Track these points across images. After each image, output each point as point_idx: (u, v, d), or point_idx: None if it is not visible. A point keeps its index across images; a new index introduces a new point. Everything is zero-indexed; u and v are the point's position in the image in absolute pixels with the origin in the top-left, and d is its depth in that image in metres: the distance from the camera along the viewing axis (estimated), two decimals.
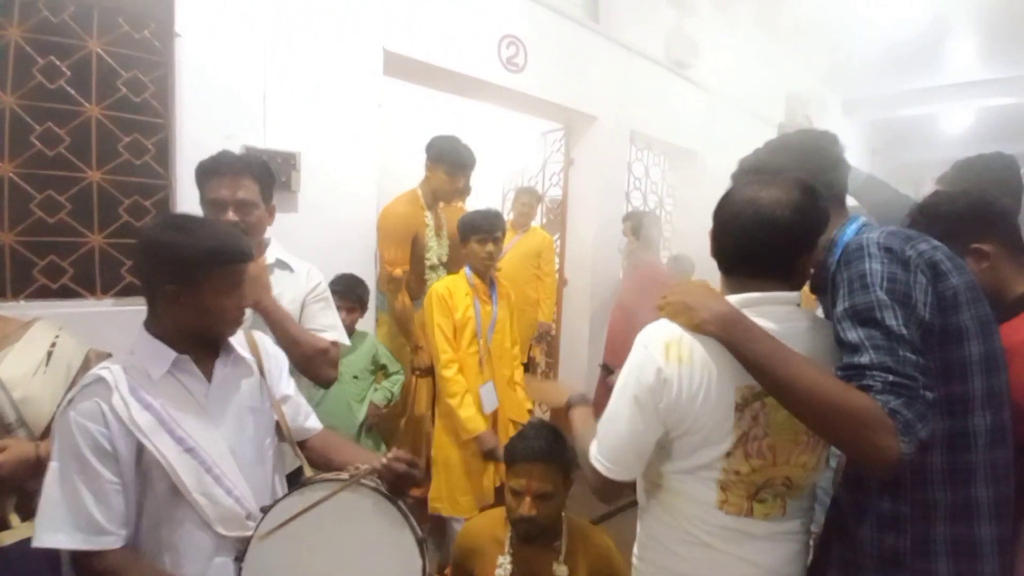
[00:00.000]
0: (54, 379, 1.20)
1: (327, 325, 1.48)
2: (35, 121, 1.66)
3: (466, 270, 2.07)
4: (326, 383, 1.50)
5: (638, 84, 3.51)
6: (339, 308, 1.98)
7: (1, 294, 1.66)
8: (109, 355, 1.20)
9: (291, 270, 1.50)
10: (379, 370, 2.31)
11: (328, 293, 1.56)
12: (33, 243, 1.70)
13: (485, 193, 4.41)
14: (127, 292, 1.85)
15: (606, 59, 3.29)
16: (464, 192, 2.50)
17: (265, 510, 0.98)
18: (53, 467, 0.91)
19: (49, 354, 1.21)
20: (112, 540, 0.91)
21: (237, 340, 1.11)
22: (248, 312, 1.10)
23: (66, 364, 1.23)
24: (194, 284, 0.96)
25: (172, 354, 0.99)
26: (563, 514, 1.32)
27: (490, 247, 1.99)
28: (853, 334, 0.79)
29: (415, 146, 3.51)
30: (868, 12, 3.79)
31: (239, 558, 0.97)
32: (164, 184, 1.89)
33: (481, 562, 1.33)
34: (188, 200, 1.85)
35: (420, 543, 0.96)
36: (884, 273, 0.82)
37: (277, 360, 1.20)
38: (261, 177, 1.41)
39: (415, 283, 2.39)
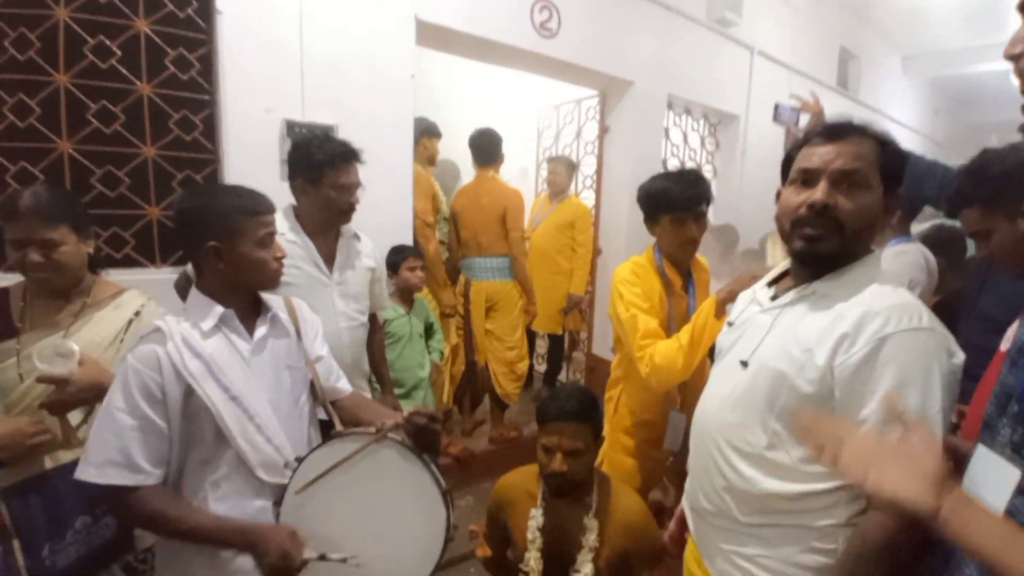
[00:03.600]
0: (127, 349, 1.24)
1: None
2: (90, 99, 1.76)
3: (655, 254, 1.64)
4: None
5: (677, 45, 3.38)
6: (412, 270, 2.34)
7: None
8: None
9: (358, 239, 1.80)
10: (428, 330, 2.56)
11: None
12: (96, 216, 1.83)
13: (521, 163, 4.41)
14: (184, 260, 1.98)
15: (643, 20, 3.17)
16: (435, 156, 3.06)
17: (300, 460, 1.06)
18: (105, 406, 0.99)
19: (130, 322, 1.30)
20: (144, 478, 0.98)
21: (276, 304, 1.19)
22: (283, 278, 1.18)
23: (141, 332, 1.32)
24: (231, 239, 1.05)
25: (220, 309, 1.06)
26: (594, 472, 1.36)
27: (692, 229, 1.55)
28: None
29: (450, 116, 3.54)
30: None
31: (277, 502, 1.05)
32: (213, 159, 1.98)
33: (514, 514, 1.39)
34: (235, 173, 1.94)
35: (444, 494, 1.01)
36: None
37: (312, 324, 1.28)
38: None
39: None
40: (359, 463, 1.03)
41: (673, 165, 3.81)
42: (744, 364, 0.96)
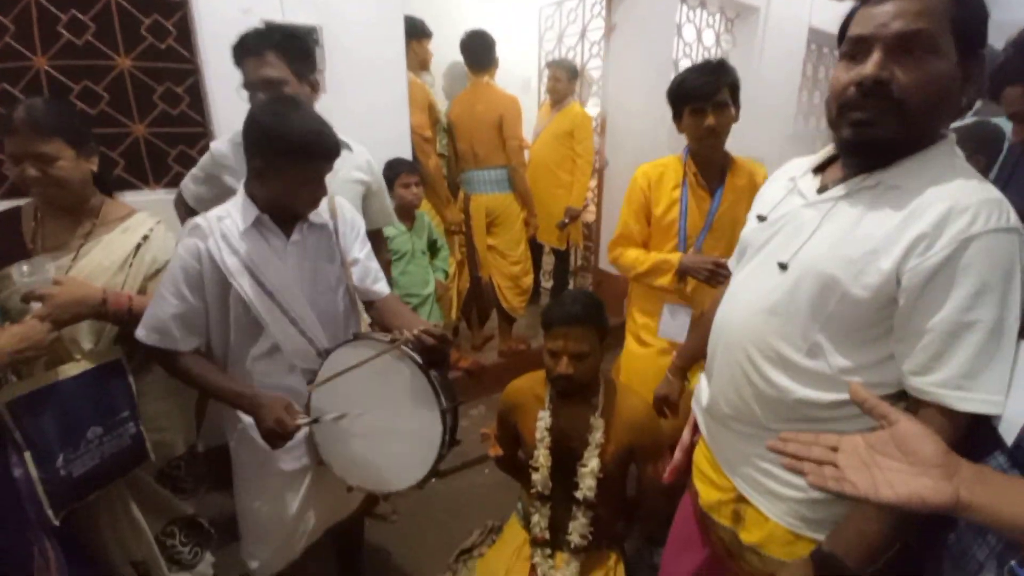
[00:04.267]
0: (137, 272, 1.27)
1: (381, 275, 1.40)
2: (60, 11, 1.63)
3: (683, 152, 1.62)
4: None
5: None
6: (407, 186, 2.23)
7: None
8: None
9: (350, 149, 1.56)
10: (431, 247, 2.51)
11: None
12: None
13: (524, 73, 4.14)
14: (177, 182, 1.92)
15: None
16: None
17: (326, 353, 1.18)
18: (158, 285, 1.13)
19: (138, 246, 1.28)
20: (178, 345, 1.14)
21: (321, 203, 1.21)
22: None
23: (151, 257, 1.29)
24: (276, 169, 1.08)
25: (256, 211, 1.12)
26: (600, 374, 1.38)
27: (710, 119, 1.47)
28: None
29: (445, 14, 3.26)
30: None
31: (310, 381, 1.18)
32: (191, 68, 1.86)
33: (524, 416, 1.44)
34: (218, 79, 1.83)
35: (443, 413, 1.07)
36: None
37: (352, 224, 1.31)
38: (287, 50, 1.35)
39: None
40: (376, 365, 1.10)
41: (685, 66, 3.57)
42: (783, 267, 0.85)
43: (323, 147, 1.09)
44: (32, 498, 1.09)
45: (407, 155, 2.32)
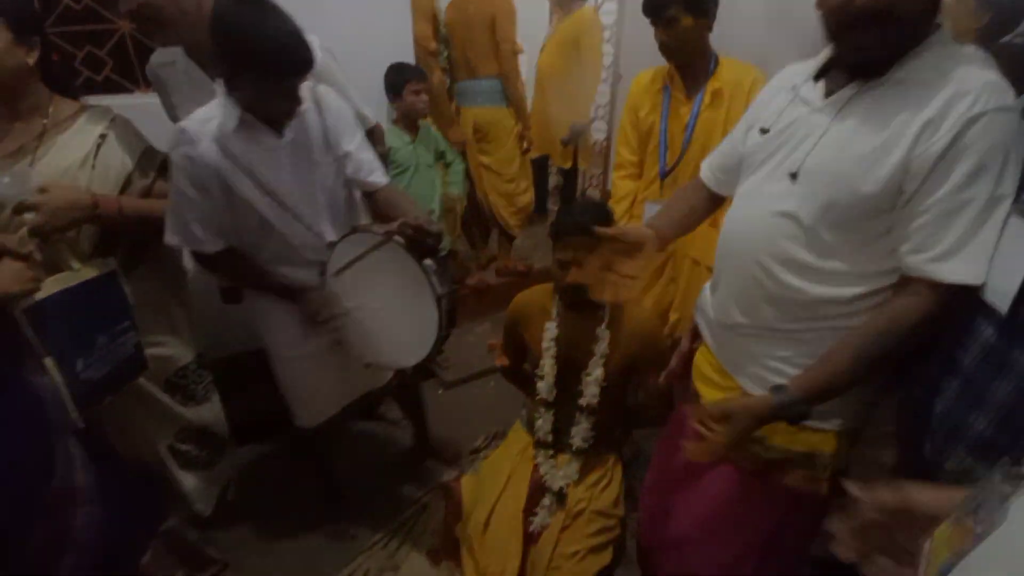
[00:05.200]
0: (103, 174, 1.23)
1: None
2: None
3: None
4: None
5: None
6: (417, 93, 2.13)
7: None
8: (165, 156, 1.24)
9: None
10: (439, 159, 2.42)
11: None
12: (66, 33, 1.66)
13: None
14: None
15: None
16: None
17: (332, 245, 1.27)
18: (171, 189, 1.18)
19: (98, 146, 1.23)
20: (209, 246, 1.22)
21: (306, 95, 1.18)
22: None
23: (120, 162, 1.25)
24: (245, 79, 1.06)
25: (238, 112, 1.10)
26: None
27: (660, 34, 1.51)
28: None
29: None
30: None
31: (322, 272, 1.30)
32: None
33: (530, 327, 1.46)
34: None
35: (438, 299, 1.16)
36: None
37: (339, 114, 1.28)
38: None
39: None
40: (379, 255, 1.20)
41: None
42: (793, 176, 0.87)
43: (294, 62, 1.03)
44: (56, 402, 1.12)
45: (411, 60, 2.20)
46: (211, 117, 1.11)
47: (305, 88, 1.18)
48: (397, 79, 2.08)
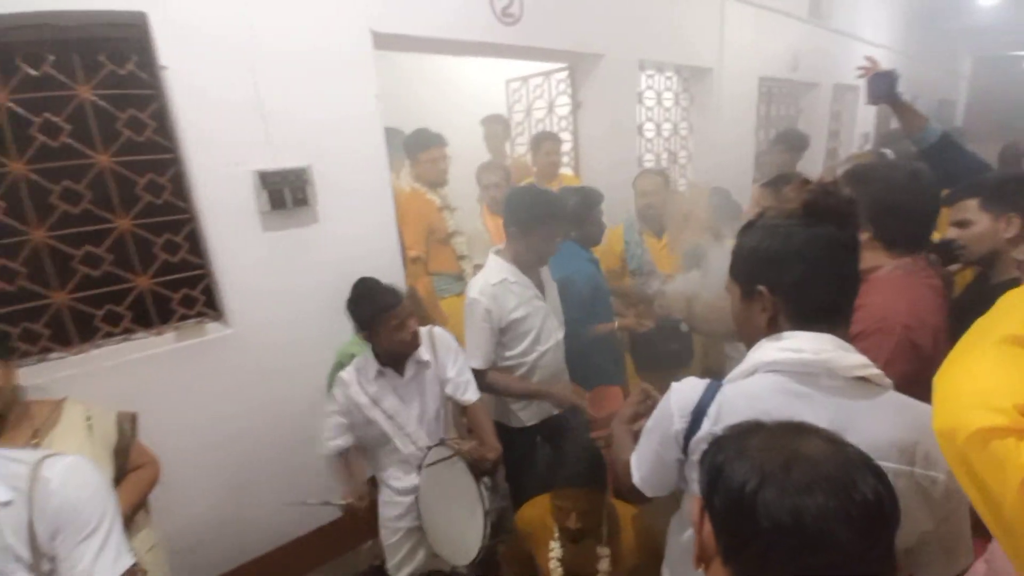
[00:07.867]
0: (99, 446, 1.36)
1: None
2: (50, 182, 1.69)
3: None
4: None
5: (645, 9, 3.23)
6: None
7: (65, 344, 1.80)
8: (134, 414, 1.48)
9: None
10: None
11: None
12: (88, 297, 1.81)
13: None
14: (183, 320, 1.98)
15: None
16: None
17: (429, 448, 1.69)
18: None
19: (89, 426, 1.37)
20: (330, 448, 1.75)
21: (424, 339, 1.72)
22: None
23: (103, 433, 1.39)
24: (375, 328, 1.61)
25: (377, 366, 1.69)
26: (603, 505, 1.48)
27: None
28: None
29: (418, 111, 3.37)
30: None
31: (419, 466, 1.73)
32: (189, 217, 1.93)
33: (536, 544, 1.54)
34: (215, 229, 1.91)
35: (485, 513, 1.49)
36: None
37: (447, 348, 1.78)
38: None
39: (438, 258, 2.77)
40: (450, 464, 1.60)
41: (649, 129, 3.75)
42: None
43: (386, 302, 1.60)
44: None
45: (399, 278, 2.35)
46: (361, 368, 1.71)
47: (423, 332, 1.71)
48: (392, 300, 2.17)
